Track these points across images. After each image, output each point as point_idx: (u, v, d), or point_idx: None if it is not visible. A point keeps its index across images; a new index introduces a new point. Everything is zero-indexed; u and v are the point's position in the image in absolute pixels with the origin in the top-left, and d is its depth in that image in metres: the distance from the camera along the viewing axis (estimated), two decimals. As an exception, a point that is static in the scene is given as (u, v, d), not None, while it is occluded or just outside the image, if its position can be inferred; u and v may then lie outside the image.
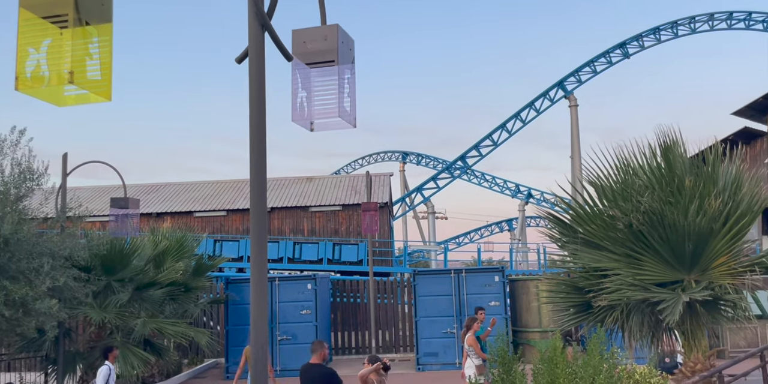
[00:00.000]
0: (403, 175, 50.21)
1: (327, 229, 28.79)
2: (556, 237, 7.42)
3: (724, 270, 6.34)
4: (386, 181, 31.14)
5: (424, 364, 15.52)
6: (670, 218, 6.20)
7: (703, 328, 6.67)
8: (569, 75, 40.21)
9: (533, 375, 5.69)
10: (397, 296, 18.89)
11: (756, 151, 29.16)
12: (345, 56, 4.37)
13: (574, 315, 7.00)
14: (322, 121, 4.57)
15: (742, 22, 39.70)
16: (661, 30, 39.81)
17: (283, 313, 15.69)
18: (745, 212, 6.47)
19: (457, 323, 15.47)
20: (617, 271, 6.42)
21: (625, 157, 6.82)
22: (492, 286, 15.53)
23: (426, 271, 18.67)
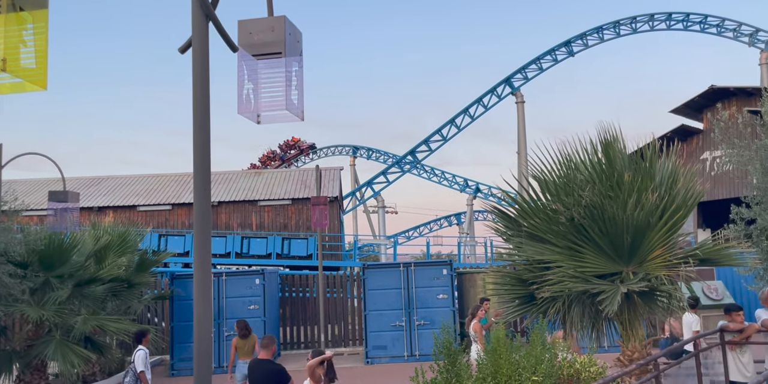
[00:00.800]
0: (354, 169, 50.17)
1: (276, 223, 28.54)
2: (501, 230, 7.56)
3: (660, 262, 6.58)
4: (336, 175, 31.06)
5: (373, 357, 15.61)
6: (610, 212, 6.40)
7: (640, 318, 6.92)
8: (516, 72, 40.93)
9: (477, 365, 5.79)
10: (346, 290, 18.91)
11: (692, 148, 30.37)
12: (292, 48, 4.33)
13: (519, 306, 7.15)
14: (269, 113, 4.52)
15: (681, 23, 41.21)
16: (604, 29, 40.93)
17: (231, 308, 15.49)
18: (680, 206, 6.73)
19: (406, 316, 15.61)
20: (559, 264, 6.59)
21: (568, 153, 7.00)
22: (440, 280, 15.72)
23: (375, 264, 18.74)
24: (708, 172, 29.03)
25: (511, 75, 40.82)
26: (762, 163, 9.62)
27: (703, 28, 41.03)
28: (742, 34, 40.40)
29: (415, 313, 15.60)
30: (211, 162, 3.83)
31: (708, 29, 41.05)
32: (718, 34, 40.96)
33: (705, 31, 41.15)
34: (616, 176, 6.67)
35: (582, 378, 6.10)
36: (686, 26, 41.16)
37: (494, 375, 5.37)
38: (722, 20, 40.53)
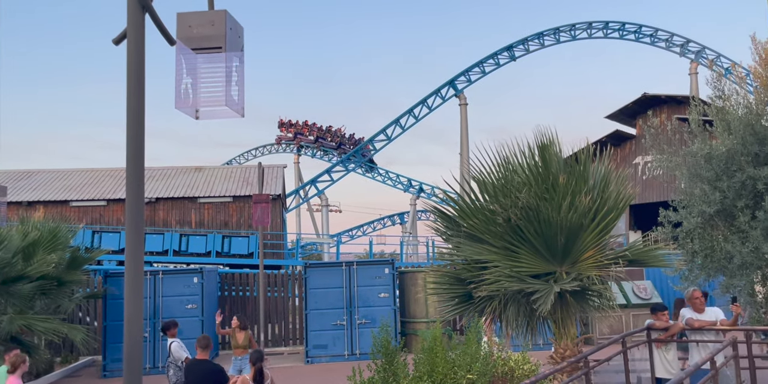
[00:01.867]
0: (298, 167, 49.78)
1: (216, 221, 28.01)
2: (441, 230, 7.66)
3: (591, 262, 6.81)
4: (279, 173, 30.74)
5: (313, 356, 15.54)
6: (545, 213, 6.57)
7: (572, 316, 7.13)
8: (459, 74, 41.50)
9: (414, 364, 5.86)
10: (287, 289, 18.75)
11: (625, 153, 31.53)
12: (233, 43, 4.27)
13: (457, 305, 7.26)
14: (208, 109, 4.44)
15: (617, 32, 42.69)
16: (544, 35, 41.99)
17: (167, 307, 15.12)
18: (612, 209, 6.98)
19: (347, 315, 15.61)
20: (496, 263, 6.72)
21: (507, 155, 7.15)
22: (382, 278, 15.79)
23: (318, 263, 18.66)
24: (639, 176, 30.21)
25: (454, 77, 41.36)
26: (689, 168, 10.08)
27: (638, 38, 42.65)
28: (673, 44, 42.22)
29: (356, 311, 15.62)
30: (145, 157, 3.73)
31: (642, 39, 42.69)
32: (652, 43, 42.67)
33: (639, 40, 42.80)
34: (552, 179, 6.86)
35: (516, 375, 6.24)
36: (622, 35, 42.68)
37: (430, 373, 5.44)
38: (655, 30, 42.24)
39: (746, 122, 9.41)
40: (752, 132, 9.28)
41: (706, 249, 9.55)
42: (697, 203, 9.66)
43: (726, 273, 9.41)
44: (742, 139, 9.33)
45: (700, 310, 7.88)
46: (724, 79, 10.67)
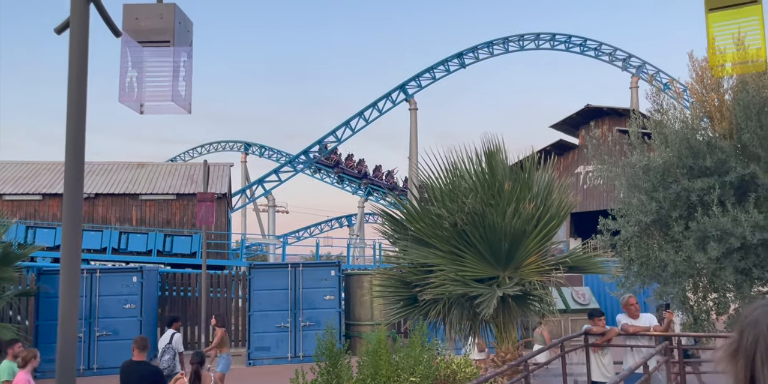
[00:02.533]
0: (245, 166, 49.07)
1: (158, 219, 27.32)
2: (389, 234, 7.71)
3: (534, 268, 6.98)
4: (226, 172, 30.24)
5: (256, 358, 15.34)
6: (490, 219, 6.70)
7: (514, 320, 7.29)
8: (410, 79, 41.82)
9: (358, 367, 5.86)
10: (231, 290, 18.44)
11: (568, 162, 32.41)
12: (182, 38, 4.20)
13: (402, 308, 7.31)
14: (154, 104, 4.35)
15: (563, 44, 43.89)
16: (494, 44, 42.76)
17: (104, 307, 14.65)
18: (554, 216, 7.18)
19: (292, 317, 15.47)
20: (442, 267, 6.81)
21: (454, 161, 7.26)
22: (328, 280, 15.73)
23: (263, 264, 18.45)
24: (581, 185, 31.12)
25: (405, 82, 41.64)
26: (627, 179, 10.43)
27: (583, 51, 43.95)
28: (616, 58, 43.67)
29: (301, 314, 15.50)
30: (85, 151, 3.62)
31: (587, 52, 44.01)
32: (596, 56, 44.03)
33: (584, 53, 44.10)
34: (498, 185, 7.00)
35: (458, 378, 6.33)
36: (568, 47, 43.90)
37: (374, 376, 5.45)
38: (599, 44, 43.61)
39: (682, 136, 9.81)
40: (688, 146, 9.68)
41: (642, 257, 9.90)
42: (634, 213, 10.01)
43: (660, 280, 9.78)
44: (678, 152, 9.72)
45: (635, 316, 8.17)
46: (663, 93, 11.10)
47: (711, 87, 10.29)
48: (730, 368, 0.81)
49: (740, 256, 8.74)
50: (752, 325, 0.79)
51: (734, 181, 9.02)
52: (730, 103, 9.72)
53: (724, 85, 10.12)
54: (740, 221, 8.39)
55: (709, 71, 9.79)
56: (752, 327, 0.79)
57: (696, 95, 10.58)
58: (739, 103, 9.25)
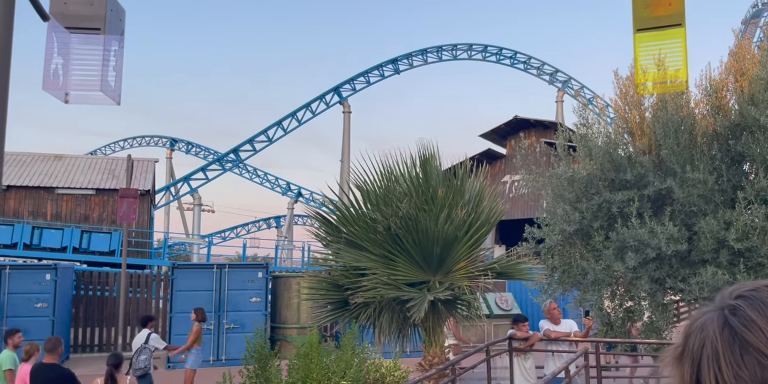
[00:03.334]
0: (170, 162, 47.61)
1: (76, 214, 26.08)
2: (321, 236, 7.67)
3: (463, 273, 7.12)
4: (150, 168, 29.24)
5: (176, 361, 14.86)
6: (423, 224, 6.79)
7: (442, 324, 7.41)
8: (345, 82, 41.87)
9: (288, 370, 5.79)
10: (152, 290, 17.81)
11: (496, 171, 33.28)
12: (114, 26, 4.05)
13: (332, 311, 7.29)
14: (81, 93, 4.17)
15: (494, 55, 45.12)
16: (428, 53, 43.46)
17: (14, 305, 13.83)
18: (484, 223, 7.35)
19: (215, 319, 15.10)
20: (374, 271, 6.84)
21: (390, 165, 7.31)
22: (255, 282, 15.46)
23: (186, 264, 17.92)
24: (507, 193, 32.01)
25: (340, 85, 41.64)
26: (553, 189, 10.82)
27: (513, 63, 45.33)
28: (544, 72, 45.31)
29: (225, 316, 15.15)
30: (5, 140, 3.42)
31: (516, 64, 45.43)
32: (525, 69, 45.53)
33: (514, 65, 45.50)
34: (431, 191, 7.11)
35: (387, 382, 6.36)
36: (499, 59, 45.17)
37: (305, 379, 5.41)
38: (529, 58, 45.12)
39: (605, 150, 10.27)
40: (610, 159, 10.15)
41: (564, 265, 10.28)
42: (558, 222, 10.39)
43: (580, 288, 10.19)
44: (600, 165, 10.17)
45: (557, 322, 8.47)
46: (588, 108, 11.60)
47: (633, 104, 10.82)
48: (675, 372, 0.82)
49: (655, 266, 9.23)
50: (699, 330, 0.83)
51: (652, 195, 9.52)
52: (651, 120, 10.26)
53: (645, 103, 10.67)
54: (656, 233, 8.86)
55: (633, 89, 10.31)
56: (699, 331, 0.82)
57: (619, 111, 11.10)
58: (659, 120, 9.78)
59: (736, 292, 0.86)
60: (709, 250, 8.99)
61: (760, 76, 9.37)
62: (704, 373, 0.78)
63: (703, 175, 9.04)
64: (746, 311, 0.80)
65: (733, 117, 9.56)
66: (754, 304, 0.81)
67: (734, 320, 0.79)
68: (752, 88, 9.47)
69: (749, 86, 9.56)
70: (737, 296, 0.84)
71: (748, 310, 0.80)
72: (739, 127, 9.40)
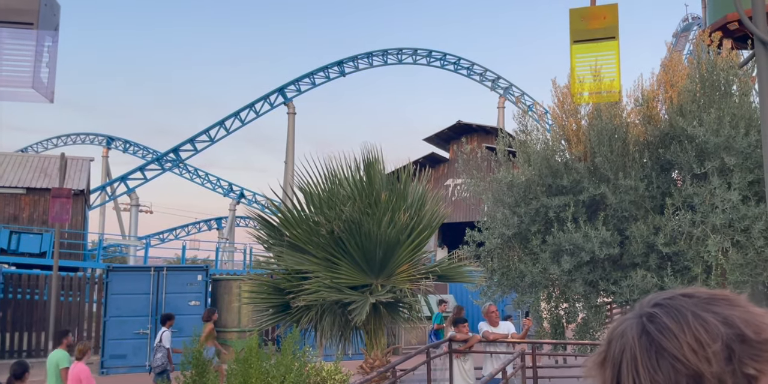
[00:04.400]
0: (106, 161, 46.04)
1: (4, 214, 24.89)
2: (263, 239, 7.60)
3: (405, 276, 7.20)
4: (85, 166, 28.21)
5: (110, 367, 14.40)
6: (367, 227, 6.83)
7: (384, 327, 7.46)
8: (290, 83, 41.54)
9: (227, 375, 5.72)
10: (85, 294, 17.19)
11: (439, 174, 33.70)
12: (47, 21, 3.93)
13: (273, 315, 7.24)
14: (11, 90, 4.03)
15: (439, 61, 45.70)
16: (373, 56, 43.61)
17: (-67, 311, 13.10)
18: (426, 226, 7.46)
19: (152, 324, 14.71)
20: (317, 274, 6.83)
21: (334, 168, 7.33)
22: (194, 285, 15.14)
23: (122, 267, 17.41)
24: (450, 197, 32.45)
25: (284, 85, 41.27)
26: (493, 194, 11.07)
27: (456, 69, 46.01)
28: (486, 78, 46.17)
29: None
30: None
31: (460, 70, 46.14)
32: (468, 75, 46.28)
33: (457, 71, 46.19)
34: (375, 195, 7.16)
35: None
36: (443, 64, 45.77)
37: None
38: (472, 64, 45.89)
39: (543, 156, 10.59)
40: (548, 165, 10.47)
41: (503, 268, 10.54)
42: (498, 226, 10.64)
43: (518, 290, 10.45)
44: (539, 171, 10.47)
45: (495, 324, 8.65)
46: (528, 115, 11.92)
47: (570, 112, 11.20)
48: (598, 376, 0.86)
49: (589, 269, 9.56)
50: (619, 336, 0.88)
51: (587, 200, 9.87)
52: (586, 128, 10.63)
53: (581, 112, 11.05)
54: (590, 237, 9.19)
55: (570, 98, 10.67)
56: (619, 337, 0.87)
57: (557, 119, 11.46)
58: (594, 128, 10.15)
59: (654, 300, 0.92)
60: (640, 254, 9.38)
61: (687, 88, 9.86)
62: (624, 377, 0.83)
63: (635, 182, 9.44)
64: (662, 318, 0.84)
65: (663, 127, 10.02)
66: (670, 312, 0.86)
67: (651, 327, 0.83)
68: (681, 99, 9.96)
69: (678, 97, 10.05)
70: (655, 304, 0.90)
71: (665, 317, 0.84)
72: (668, 137, 9.86)
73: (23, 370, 6.21)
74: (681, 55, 12.86)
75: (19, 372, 6.17)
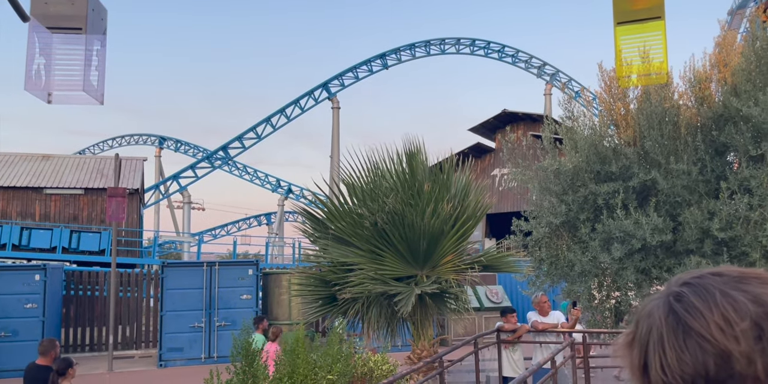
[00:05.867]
0: (159, 161, 47.42)
1: (64, 214, 25.95)
2: (309, 232, 7.69)
3: (450, 267, 7.17)
4: (139, 166, 29.11)
5: (167, 359, 14.87)
6: (410, 219, 6.83)
7: (430, 318, 7.46)
8: (333, 78, 41.79)
9: (275, 366, 5.83)
10: (142, 289, 17.78)
11: (485, 164, 33.36)
12: (95, 26, 4.05)
13: (321, 307, 7.32)
14: (63, 93, 4.18)
15: (482, 49, 45.14)
16: (416, 47, 43.42)
17: (3, 306, 13.78)
18: (471, 216, 7.40)
19: (206, 317, 15.11)
20: (362, 266, 6.87)
21: (376, 161, 7.34)
22: (245, 279, 15.47)
23: (176, 263, 17.90)
24: (496, 187, 32.11)
25: (328, 80, 41.56)
26: (540, 182, 10.88)
27: (501, 57, 45.36)
28: (532, 65, 45.38)
29: (216, 313, 15.16)
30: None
31: (504, 58, 45.47)
32: (513, 63, 45.58)
33: (502, 59, 45.54)
34: (418, 186, 7.14)
35: (375, 375, 6.41)
36: (487, 53, 45.20)
37: (291, 375, 5.44)
38: (517, 51, 45.16)
39: (591, 142, 10.33)
40: (595, 151, 10.21)
41: (551, 257, 10.36)
42: (545, 214, 10.45)
43: (568, 280, 10.26)
44: (586, 158, 10.23)
45: (545, 314, 8.54)
46: (574, 101, 11.65)
47: (618, 96, 10.89)
48: (626, 356, 0.85)
49: (641, 257, 9.31)
50: (647, 316, 0.86)
51: (637, 186, 9.59)
52: (635, 112, 10.32)
53: (629, 95, 10.73)
54: (641, 224, 8.94)
55: (617, 81, 10.37)
56: (647, 317, 0.86)
57: (604, 104, 11.16)
58: (643, 112, 9.84)
59: (682, 279, 0.89)
60: (694, 240, 9.08)
61: (742, 67, 9.45)
62: (651, 357, 0.82)
63: (687, 166, 9.13)
64: (689, 298, 0.83)
65: (717, 108, 9.63)
66: (698, 291, 0.84)
67: (678, 306, 0.82)
68: (735, 79, 9.56)
69: (732, 77, 9.65)
70: (683, 283, 0.87)
71: (692, 296, 0.83)
72: (722, 118, 9.49)
73: (67, 365, 6.21)
74: (736, 32, 12.32)
75: (63, 368, 6.15)
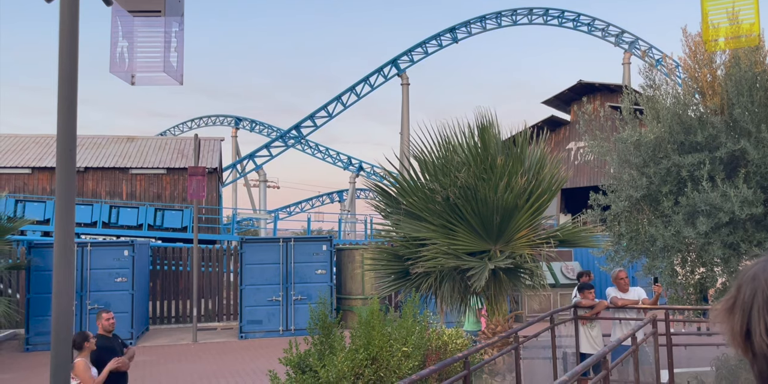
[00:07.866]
0: (235, 140, 48.84)
1: (149, 193, 27.22)
2: (381, 208, 7.72)
3: (524, 242, 7.03)
4: (216, 146, 30.07)
5: (247, 331, 15.48)
6: (482, 193, 6.72)
7: (504, 293, 7.37)
8: (402, 54, 41.45)
9: (351, 337, 5.94)
10: (222, 264, 18.51)
11: (560, 138, 32.42)
12: (173, 8, 4.14)
13: (394, 282, 7.38)
14: (145, 75, 4.31)
15: (556, 19, 43.52)
16: (486, 19, 42.33)
17: (96, 280, 14.68)
18: (545, 190, 7.20)
19: (283, 291, 15.58)
20: (434, 241, 6.85)
21: (447, 135, 7.24)
22: (319, 255, 15.81)
23: (254, 239, 18.48)
24: (572, 160, 31.19)
25: (397, 56, 41.28)
26: (619, 154, 10.46)
27: (576, 26, 43.62)
28: (609, 34, 43.41)
29: (292, 287, 15.60)
30: (77, 123, 3.58)
31: (580, 27, 43.69)
32: (589, 32, 43.73)
33: (577, 28, 43.78)
34: (490, 160, 7.00)
35: (449, 349, 6.43)
36: (561, 22, 43.55)
37: (366, 346, 5.53)
38: (593, 19, 43.28)
39: (674, 112, 9.82)
40: (679, 121, 9.70)
41: (631, 232, 9.99)
42: (625, 188, 10.06)
43: (649, 255, 9.88)
44: (669, 128, 9.74)
45: (625, 290, 8.28)
46: (656, 69, 11.06)
47: (704, 62, 10.26)
48: (727, 322, 0.81)
49: (728, 231, 8.84)
50: (750, 280, 0.81)
51: (724, 157, 9.07)
52: (723, 78, 9.71)
53: (716, 61, 10.09)
54: (729, 196, 8.47)
55: (703, 46, 9.76)
56: (750, 281, 0.81)
57: (689, 70, 10.56)
58: (732, 78, 9.25)
59: None
60: (788, 214, 8.53)
61: None
62: (754, 322, 0.77)
63: (781, 135, 8.54)
64: None
65: (815, 71, 8.93)
66: None
67: None
68: (837, 39, 8.80)
69: (833, 37, 8.89)
70: None
71: None
72: (821, 82, 8.79)
73: (83, 339, 6.06)
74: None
75: (79, 341, 5.99)
